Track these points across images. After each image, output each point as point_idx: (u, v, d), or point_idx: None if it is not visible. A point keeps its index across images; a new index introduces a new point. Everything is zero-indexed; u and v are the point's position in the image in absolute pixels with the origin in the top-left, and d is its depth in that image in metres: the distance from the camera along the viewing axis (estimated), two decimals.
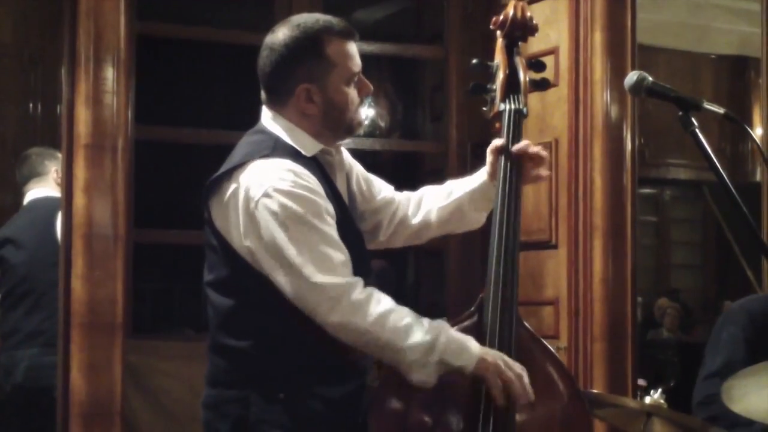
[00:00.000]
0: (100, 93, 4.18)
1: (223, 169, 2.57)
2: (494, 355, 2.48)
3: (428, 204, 2.93)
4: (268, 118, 2.64)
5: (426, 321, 2.48)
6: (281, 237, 2.42)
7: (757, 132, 6.55)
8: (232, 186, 2.52)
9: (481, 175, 2.89)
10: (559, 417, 2.68)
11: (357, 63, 2.64)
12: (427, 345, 2.43)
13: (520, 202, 2.77)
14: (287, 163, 2.49)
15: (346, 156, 2.79)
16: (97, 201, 4.15)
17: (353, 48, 2.63)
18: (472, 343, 2.48)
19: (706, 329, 9.90)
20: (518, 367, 2.49)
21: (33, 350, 4.70)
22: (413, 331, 2.44)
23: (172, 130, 5.01)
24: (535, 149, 2.77)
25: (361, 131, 2.75)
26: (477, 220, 2.95)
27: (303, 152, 2.57)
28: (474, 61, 3.01)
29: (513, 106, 2.86)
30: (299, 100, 2.58)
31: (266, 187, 2.45)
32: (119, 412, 4.20)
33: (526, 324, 2.72)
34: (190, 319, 6.08)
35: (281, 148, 2.55)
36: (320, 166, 2.60)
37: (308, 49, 2.57)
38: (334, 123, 2.62)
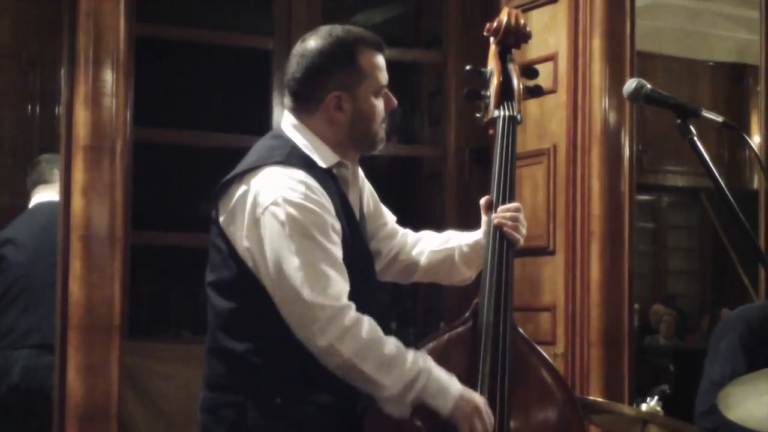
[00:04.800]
0: (99, 95, 4.18)
1: (235, 171, 2.56)
2: (470, 404, 2.47)
3: (422, 245, 2.92)
4: (288, 125, 2.63)
5: (411, 355, 2.46)
6: (284, 248, 2.42)
7: (755, 140, 6.55)
8: (242, 189, 2.51)
9: (478, 233, 2.87)
10: (553, 423, 2.68)
11: (386, 76, 2.65)
12: (406, 383, 2.43)
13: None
14: (300, 174, 2.49)
15: (361, 174, 2.78)
16: (95, 203, 4.15)
17: (383, 61, 2.64)
18: (452, 388, 2.47)
19: (703, 336, 9.93)
20: (490, 416, 2.48)
21: (29, 350, 4.70)
22: (394, 366, 2.43)
23: (170, 133, 5.00)
24: (509, 229, 2.73)
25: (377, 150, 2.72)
26: (465, 275, 2.93)
27: (318, 163, 2.56)
28: (468, 67, 3.02)
29: (507, 113, 2.86)
30: (329, 107, 2.58)
31: (276, 195, 2.44)
32: (116, 414, 4.19)
33: (521, 330, 2.72)
34: (187, 322, 6.09)
35: (296, 157, 2.54)
36: (334, 179, 2.59)
37: (341, 57, 2.58)
38: (359, 134, 2.62)
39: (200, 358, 2.65)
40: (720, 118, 2.37)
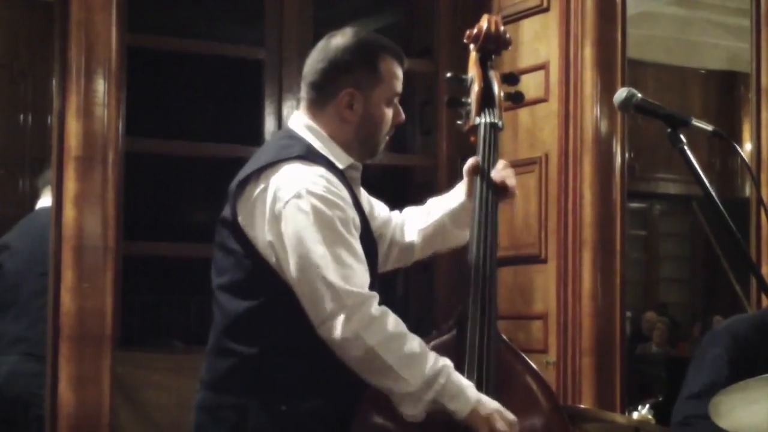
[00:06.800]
0: (91, 105, 4.18)
1: (250, 169, 2.55)
2: (489, 407, 2.46)
3: (410, 226, 2.94)
4: (300, 125, 2.64)
5: (432, 356, 2.46)
6: (309, 237, 2.41)
7: (746, 148, 6.56)
8: (261, 185, 2.50)
9: (459, 194, 2.89)
10: (539, 430, 2.67)
11: (400, 87, 2.67)
12: (426, 380, 2.41)
13: (497, 218, 2.77)
14: (321, 170, 2.50)
15: None
16: (87, 213, 4.15)
17: (401, 72, 2.68)
18: (471, 391, 2.46)
19: (695, 344, 9.92)
20: (511, 418, 2.48)
21: (14, 357, 4.71)
22: (417, 362, 2.42)
23: (162, 143, 4.99)
24: (511, 183, 2.77)
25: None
26: (461, 237, 2.93)
27: (336, 163, 2.58)
28: (448, 74, 3.04)
29: (488, 120, 2.87)
30: (340, 104, 2.60)
31: (299, 188, 2.44)
32: (107, 424, 4.18)
33: (506, 338, 2.72)
34: (179, 332, 6.07)
35: (314, 155, 2.55)
36: (346, 180, 2.60)
37: (363, 56, 2.62)
38: (365, 137, 2.63)
39: (192, 367, 2.64)
40: (710, 127, 2.37)
